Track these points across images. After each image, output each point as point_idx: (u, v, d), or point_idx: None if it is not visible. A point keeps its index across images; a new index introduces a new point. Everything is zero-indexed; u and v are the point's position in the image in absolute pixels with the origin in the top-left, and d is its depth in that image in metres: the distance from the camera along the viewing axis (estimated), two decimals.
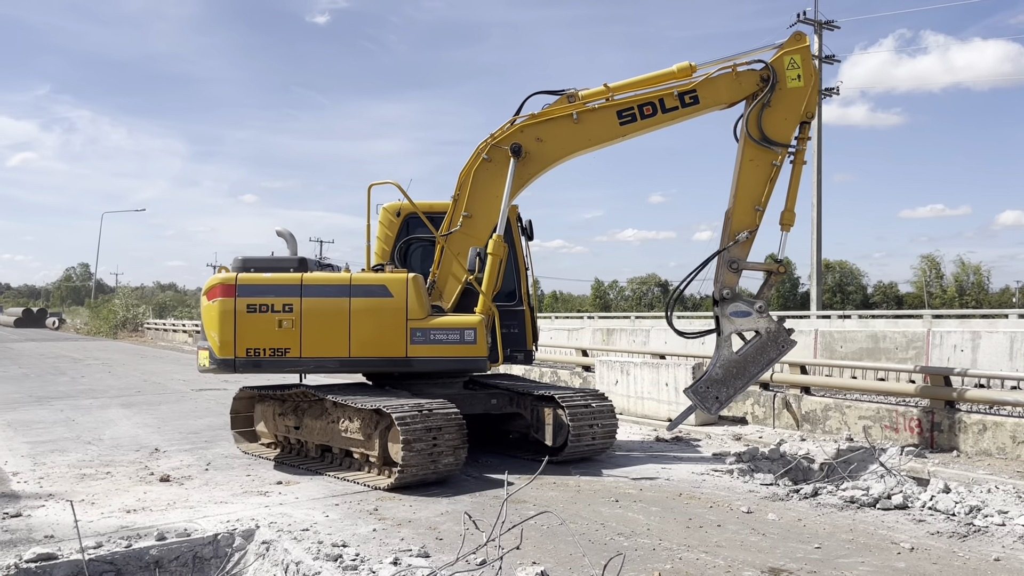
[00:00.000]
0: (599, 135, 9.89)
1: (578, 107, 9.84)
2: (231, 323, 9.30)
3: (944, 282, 67.92)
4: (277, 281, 9.41)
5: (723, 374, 9.66)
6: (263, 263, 9.79)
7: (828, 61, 37.77)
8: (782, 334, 9.70)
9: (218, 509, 7.60)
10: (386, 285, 9.35)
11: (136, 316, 53.71)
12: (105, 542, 6.40)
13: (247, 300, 9.33)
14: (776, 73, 9.62)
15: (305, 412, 9.75)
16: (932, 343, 17.22)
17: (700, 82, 9.75)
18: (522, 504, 7.66)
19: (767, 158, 9.63)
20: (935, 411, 10.51)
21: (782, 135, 9.66)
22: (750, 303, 9.69)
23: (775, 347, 9.68)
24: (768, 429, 12.41)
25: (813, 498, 8.08)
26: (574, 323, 31.79)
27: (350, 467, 9.29)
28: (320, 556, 6.06)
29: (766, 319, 9.70)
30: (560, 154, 10.04)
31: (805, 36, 9.79)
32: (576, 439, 9.46)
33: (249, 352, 9.31)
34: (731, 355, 9.70)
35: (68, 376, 21.94)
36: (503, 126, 9.98)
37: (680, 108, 9.79)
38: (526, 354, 10.58)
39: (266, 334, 9.29)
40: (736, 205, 9.69)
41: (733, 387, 9.69)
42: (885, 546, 6.53)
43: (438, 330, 9.29)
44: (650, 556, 6.24)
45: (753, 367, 9.68)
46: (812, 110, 9.74)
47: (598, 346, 22.39)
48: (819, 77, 9.80)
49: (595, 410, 9.77)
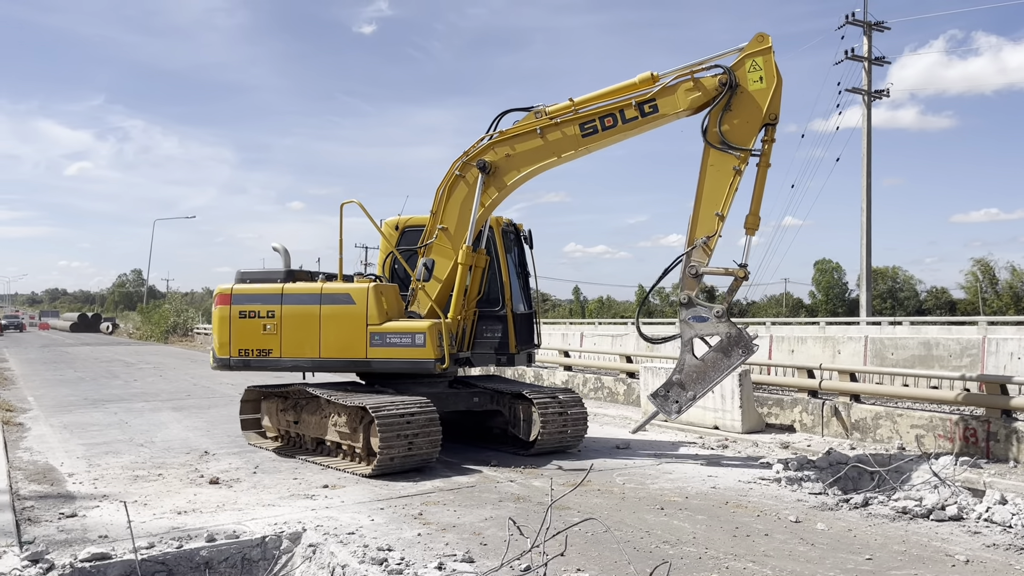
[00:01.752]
0: (563, 148, 10.11)
1: (543, 123, 10.13)
2: (227, 327, 10.76)
3: (998, 288, 66.04)
4: (263, 291, 10.74)
5: (684, 379, 9.70)
6: (257, 275, 11.11)
7: (878, 63, 37.05)
8: (743, 340, 9.56)
9: (266, 512, 7.71)
10: (350, 294, 10.33)
11: (186, 321, 54.79)
12: (157, 543, 6.53)
13: (240, 307, 10.73)
14: (735, 77, 9.47)
15: (303, 408, 10.78)
16: (988, 350, 16.73)
17: (657, 91, 9.72)
18: (566, 511, 7.63)
19: (728, 163, 9.48)
20: (991, 420, 10.22)
21: (742, 139, 9.47)
22: (708, 308, 9.65)
23: (736, 353, 9.55)
24: (816, 437, 12.19)
25: (864, 508, 7.92)
26: (618, 329, 31.62)
27: (341, 458, 10.11)
28: (366, 560, 6.11)
29: (726, 324, 9.61)
30: (528, 168, 10.33)
31: (767, 37, 9.50)
32: (546, 433, 10.41)
33: (241, 353, 10.70)
34: (693, 361, 9.70)
35: (121, 380, 22.48)
36: (475, 143, 10.49)
37: (640, 118, 9.80)
38: (509, 357, 11.20)
39: (254, 337, 10.63)
40: (698, 210, 9.61)
41: (693, 391, 9.68)
42: (939, 558, 6.37)
43: (392, 334, 10.11)
44: (696, 565, 6.17)
45: (714, 372, 9.63)
46: (775, 112, 9.46)
47: (643, 352, 22.22)
48: (781, 81, 9.54)
49: (565, 406, 10.69)
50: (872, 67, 36.54)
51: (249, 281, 10.98)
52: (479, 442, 11.51)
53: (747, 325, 26.91)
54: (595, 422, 14.43)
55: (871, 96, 36.56)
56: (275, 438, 11.48)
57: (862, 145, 36.31)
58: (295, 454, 10.67)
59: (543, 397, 10.67)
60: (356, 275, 10.94)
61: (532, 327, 11.84)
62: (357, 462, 9.78)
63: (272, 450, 11.06)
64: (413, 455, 9.38)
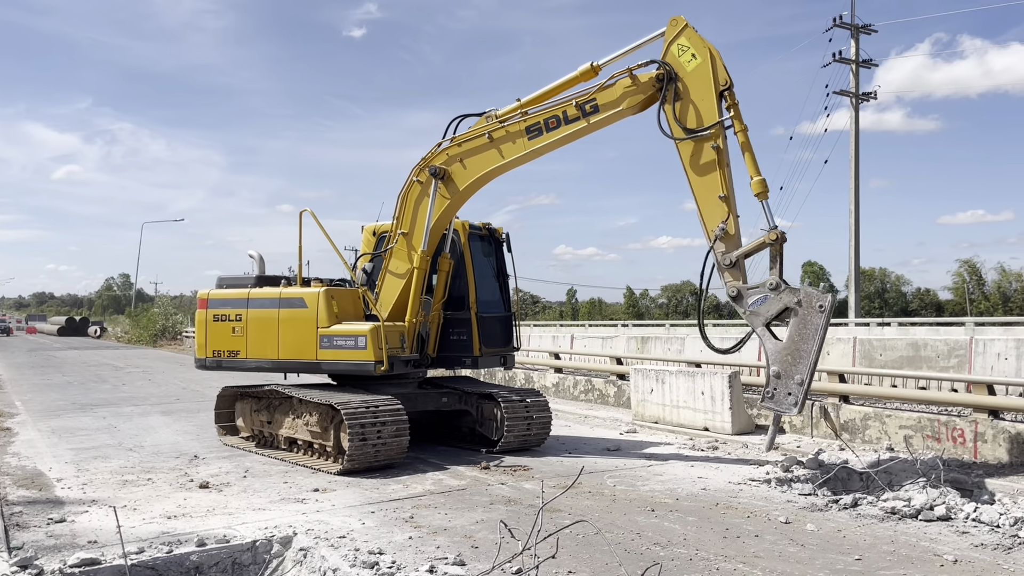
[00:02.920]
0: (512, 152, 10.20)
1: (492, 127, 10.21)
2: (204, 330, 11.48)
3: (985, 289, 66.51)
4: (234, 295, 11.36)
5: (780, 367, 8.86)
6: (232, 280, 11.70)
7: (865, 65, 37.28)
8: (812, 296, 8.81)
9: (256, 516, 7.69)
10: (303, 298, 10.75)
11: (175, 324, 54.48)
12: (147, 548, 6.51)
13: (214, 311, 11.42)
14: (671, 66, 9.39)
15: (276, 409, 11.19)
16: (975, 351, 16.86)
17: (596, 91, 9.71)
18: (557, 513, 7.64)
19: (704, 146, 9.25)
20: (979, 421, 10.29)
21: (705, 117, 9.27)
22: (760, 288, 9.07)
23: (815, 312, 8.71)
24: (806, 438, 12.25)
25: (853, 509, 7.96)
26: (608, 331, 31.68)
27: (314, 456, 10.41)
28: (357, 563, 6.10)
29: (787, 293, 8.90)
30: (479, 173, 10.41)
31: (681, 19, 9.44)
32: (510, 432, 10.81)
33: (215, 354, 11.39)
34: (778, 345, 8.95)
35: (110, 384, 22.36)
36: (431, 149, 10.64)
37: (582, 118, 9.80)
38: (473, 360, 11.39)
39: (225, 339, 11.28)
40: (700, 204, 9.36)
41: (798, 374, 8.76)
42: (928, 558, 6.41)
43: (338, 337, 10.45)
44: (687, 566, 6.19)
45: (805, 344, 8.74)
46: (725, 78, 9.26)
47: (632, 354, 22.26)
48: (714, 49, 9.32)
49: (529, 406, 11.09)
50: (859, 69, 36.76)
51: (225, 286, 11.64)
52: (449, 441, 11.90)
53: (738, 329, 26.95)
54: (585, 424, 14.46)
55: (859, 98, 36.77)
56: (248, 438, 11.85)
57: (850, 147, 36.52)
58: (270, 454, 10.98)
59: (510, 398, 11.01)
60: (313, 280, 11.21)
61: (509, 330, 12.03)
62: (328, 460, 10.08)
63: (244, 449, 11.46)
64: (381, 453, 9.68)
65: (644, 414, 14.24)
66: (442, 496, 8.59)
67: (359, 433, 9.47)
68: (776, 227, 9.14)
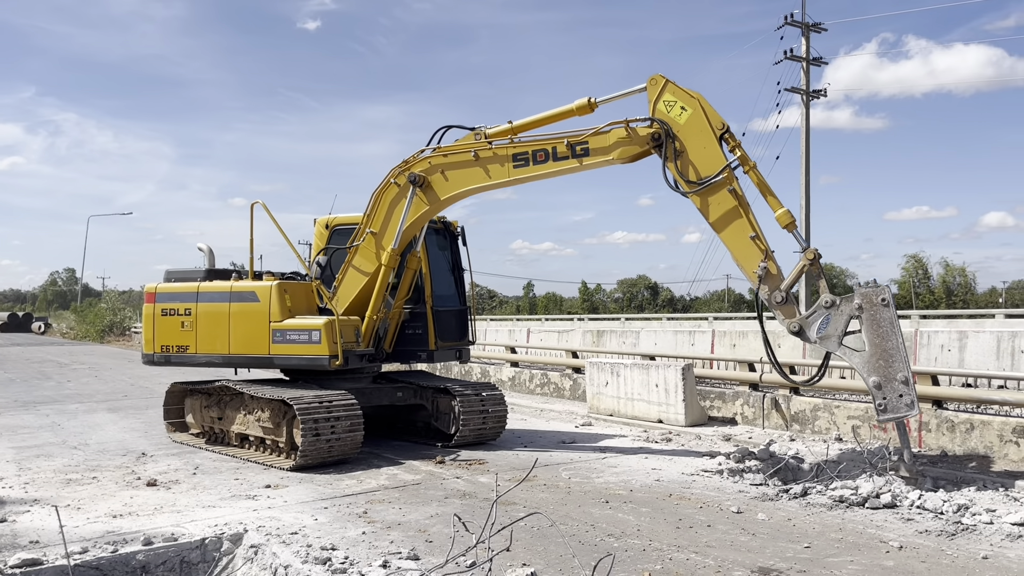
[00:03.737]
0: (495, 175, 10.09)
1: (480, 146, 10.12)
2: (151, 325, 11.24)
3: (931, 283, 68.35)
4: (182, 289, 11.14)
5: (878, 376, 8.36)
6: (181, 274, 11.43)
7: (815, 63, 37.90)
8: (871, 294, 8.44)
9: (206, 513, 7.55)
10: (255, 291, 10.58)
11: (123, 320, 53.30)
12: (91, 547, 6.34)
13: (162, 305, 11.20)
14: (665, 122, 9.21)
15: (227, 404, 11.04)
16: (920, 343, 17.29)
17: (591, 135, 9.55)
18: (512, 506, 7.63)
19: (721, 191, 9.06)
20: (923, 411, 10.54)
21: (712, 164, 9.08)
22: (821, 312, 8.73)
23: (880, 307, 8.37)
24: (757, 429, 12.44)
25: (803, 498, 8.09)
26: (564, 325, 31.82)
27: (266, 452, 10.30)
28: (309, 559, 6.02)
29: (845, 303, 8.59)
30: (460, 189, 10.34)
31: (660, 76, 9.29)
32: (466, 426, 10.80)
33: (163, 349, 11.16)
34: (863, 357, 8.51)
35: (54, 381, 21.77)
36: (414, 154, 10.53)
37: (571, 158, 9.65)
38: (429, 354, 11.40)
39: (174, 334, 11.07)
40: (733, 250, 9.11)
41: (900, 372, 8.26)
42: (874, 545, 6.54)
43: (292, 331, 10.33)
44: (640, 557, 6.23)
45: (888, 341, 8.34)
46: (719, 122, 9.12)
47: (588, 348, 22.37)
48: (700, 97, 9.08)
49: (485, 400, 11.07)
50: (810, 67, 37.38)
51: (173, 280, 11.40)
52: (404, 436, 11.84)
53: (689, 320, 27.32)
54: (541, 417, 14.49)
55: (809, 95, 37.40)
56: (198, 434, 11.72)
57: (801, 143, 37.14)
58: (221, 451, 10.85)
59: (465, 392, 10.99)
60: (265, 273, 11.02)
61: (465, 324, 12.02)
62: (281, 456, 9.98)
63: (194, 446, 11.29)
64: (335, 448, 9.62)
65: (599, 407, 14.32)
66: (396, 491, 8.53)
67: (312, 428, 9.37)
68: (808, 246, 9.00)
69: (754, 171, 9.15)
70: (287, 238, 10.64)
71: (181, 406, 12.12)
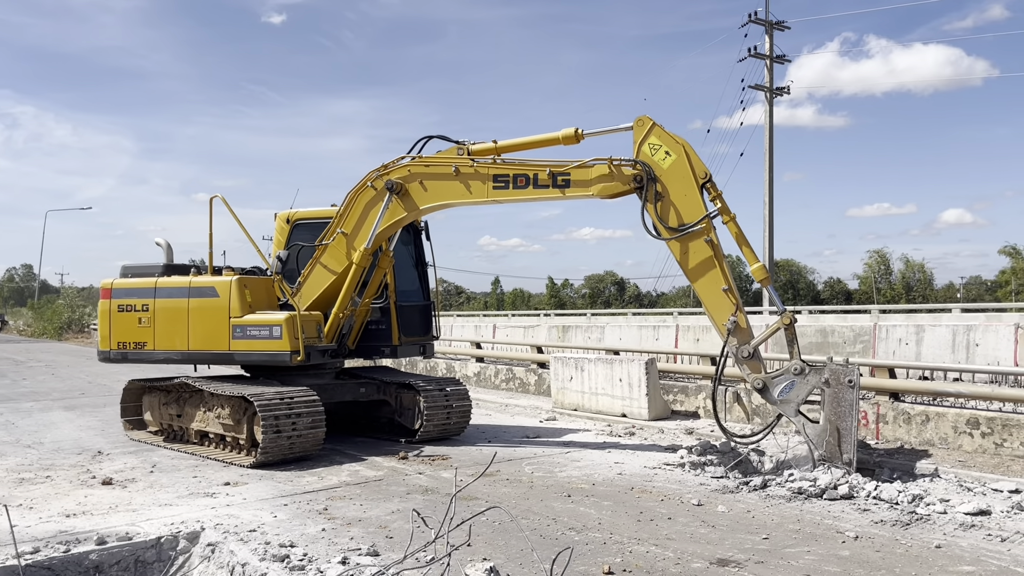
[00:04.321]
0: (474, 193, 10.01)
1: (462, 162, 10.01)
2: (107, 321, 11.00)
3: (892, 278, 69.56)
4: (140, 285, 10.93)
5: (825, 451, 8.59)
6: (138, 269, 11.23)
7: (779, 61, 38.37)
8: (840, 372, 8.63)
9: (162, 512, 7.42)
10: (215, 287, 10.44)
11: (82, 317, 52.34)
12: (43, 547, 6.21)
13: (119, 301, 10.97)
14: (648, 165, 9.19)
15: (186, 401, 10.87)
16: (879, 337, 17.58)
17: (574, 167, 9.49)
18: (474, 501, 7.61)
19: (697, 241, 9.06)
20: (880, 403, 10.72)
21: (692, 212, 9.07)
22: (786, 375, 8.85)
23: (846, 388, 8.56)
24: None
25: (762, 490, 8.18)
26: (530, 320, 31.87)
27: (226, 450, 10.16)
28: (267, 557, 5.95)
29: (813, 374, 8.75)
30: (439, 201, 10.25)
31: (647, 118, 9.30)
32: (430, 421, 10.77)
33: (119, 345, 10.93)
34: (815, 430, 8.71)
35: (8, 379, 21.29)
36: (395, 160, 10.44)
37: (551, 187, 9.61)
38: (392, 349, 11.39)
39: (131, 330, 10.85)
40: (705, 300, 9.18)
41: (846, 454, 8.49)
42: (831, 535, 6.63)
43: (252, 327, 10.18)
44: (600, 550, 6.25)
45: (843, 422, 8.54)
46: (702, 171, 9.12)
47: (554, 343, 22.41)
48: (686, 144, 9.13)
49: (449, 395, 11.03)
50: (774, 65, 37.81)
51: (130, 275, 11.18)
52: (366, 432, 11.74)
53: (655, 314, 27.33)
54: (506, 412, 14.49)
55: (773, 93, 37.83)
56: (157, 432, 11.56)
57: (764, 140, 37.56)
58: (180, 448, 10.70)
59: (429, 387, 10.95)
60: (225, 268, 10.88)
61: (429, 319, 11.97)
62: (241, 453, 9.87)
63: (152, 444, 11.11)
64: (296, 445, 9.54)
65: (564, 401, 14.35)
66: (358, 487, 8.46)
67: (273, 425, 9.26)
68: (785, 310, 9.10)
69: (733, 223, 9.15)
70: (247, 232, 10.50)
71: (139, 404, 11.91)
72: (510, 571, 5.70)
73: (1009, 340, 14.89)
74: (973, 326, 16.06)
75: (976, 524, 6.88)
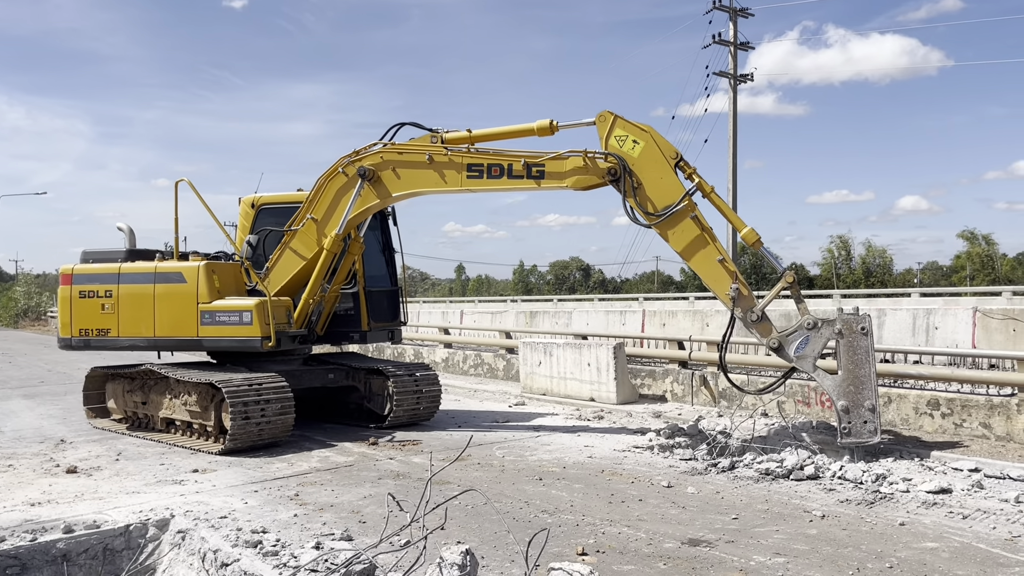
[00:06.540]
0: (447, 181, 9.99)
1: (435, 150, 9.96)
2: (68, 307, 10.76)
3: (853, 264, 70.65)
4: (102, 271, 10.69)
5: (847, 401, 8.61)
6: (99, 255, 10.98)
7: (743, 48, 38.64)
8: (852, 320, 8.68)
9: (130, 500, 7.33)
10: (182, 272, 10.27)
11: (39, 304, 51.27)
12: (8, 536, 6.10)
13: (80, 287, 10.73)
14: (622, 158, 9.25)
15: (151, 389, 10.76)
16: None
17: (549, 159, 9.54)
18: (447, 485, 7.62)
19: (682, 219, 9.16)
20: None
21: (671, 193, 9.18)
22: (799, 331, 8.91)
23: (859, 335, 8.64)
24: (687, 406, 12.69)
25: (731, 471, 8.30)
26: (498, 306, 31.85)
27: (194, 437, 10.07)
28: (239, 543, 5.90)
29: (825, 327, 8.81)
30: (412, 189, 10.20)
31: (608, 112, 9.39)
32: (400, 406, 10.74)
33: (81, 332, 10.70)
34: (835, 380, 8.77)
35: None
36: (368, 146, 10.35)
37: (526, 178, 9.64)
38: (361, 335, 11.37)
39: (93, 317, 10.62)
40: (703, 275, 9.28)
41: (867, 400, 8.59)
42: (798, 515, 6.76)
43: (222, 312, 10.06)
44: (574, 532, 6.30)
45: (861, 369, 8.62)
46: (671, 151, 9.27)
47: (521, 328, 22.45)
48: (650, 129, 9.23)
49: (419, 380, 11.02)
50: (738, 51, 38.06)
51: (92, 261, 10.94)
52: (336, 418, 11.70)
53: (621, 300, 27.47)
54: (475, 398, 14.51)
55: (737, 79, 38.10)
56: (121, 420, 11.39)
57: (728, 127, 37.85)
58: (146, 436, 10.58)
59: (398, 372, 10.93)
60: (192, 253, 10.71)
61: (396, 304, 11.95)
62: (209, 440, 9.79)
63: (116, 432, 10.97)
64: (265, 431, 9.47)
65: (533, 386, 14.41)
66: (329, 473, 8.43)
67: (242, 412, 9.19)
68: (785, 268, 9.11)
69: (713, 194, 9.31)
70: (215, 217, 10.33)
71: (102, 391, 11.73)
72: (485, 554, 5.73)
73: (967, 323, 15.23)
74: (932, 310, 16.39)
75: (938, 502, 7.05)
